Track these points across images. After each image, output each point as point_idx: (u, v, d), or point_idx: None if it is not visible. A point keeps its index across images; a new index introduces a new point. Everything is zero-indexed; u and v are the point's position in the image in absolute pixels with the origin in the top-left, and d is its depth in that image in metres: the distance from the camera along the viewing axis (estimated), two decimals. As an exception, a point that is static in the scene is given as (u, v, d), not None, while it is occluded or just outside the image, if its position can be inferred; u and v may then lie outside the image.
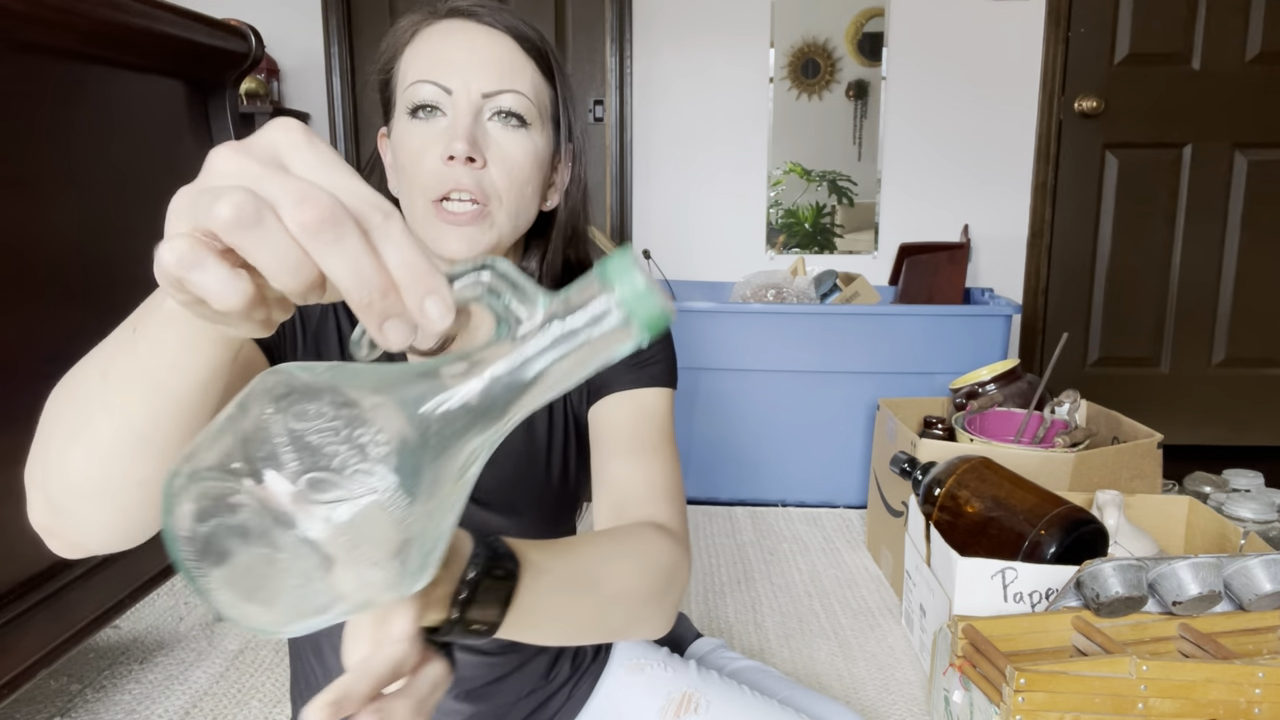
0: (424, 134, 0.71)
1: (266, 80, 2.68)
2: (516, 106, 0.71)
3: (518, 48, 0.72)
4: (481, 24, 0.72)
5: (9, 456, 0.94)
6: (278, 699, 1.36)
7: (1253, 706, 1.00)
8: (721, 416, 2.26)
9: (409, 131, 0.72)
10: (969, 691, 1.12)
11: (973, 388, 1.96)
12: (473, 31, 0.72)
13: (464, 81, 0.70)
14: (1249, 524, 1.77)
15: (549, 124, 0.75)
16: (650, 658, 0.96)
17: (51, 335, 1.00)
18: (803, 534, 2.07)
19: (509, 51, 0.72)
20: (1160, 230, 2.76)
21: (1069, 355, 2.83)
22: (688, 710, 0.90)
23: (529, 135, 0.73)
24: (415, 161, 0.71)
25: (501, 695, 0.84)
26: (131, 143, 1.20)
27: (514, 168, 0.72)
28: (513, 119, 0.72)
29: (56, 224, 1.03)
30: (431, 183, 0.70)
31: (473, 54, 0.71)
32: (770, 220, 2.86)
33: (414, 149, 0.71)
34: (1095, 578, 1.12)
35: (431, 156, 0.70)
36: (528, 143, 0.72)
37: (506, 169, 0.71)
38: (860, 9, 2.73)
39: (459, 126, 0.69)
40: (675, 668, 0.96)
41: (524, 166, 0.72)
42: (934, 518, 1.45)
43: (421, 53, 0.72)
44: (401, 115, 0.73)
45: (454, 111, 0.71)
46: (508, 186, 0.72)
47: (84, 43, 1.08)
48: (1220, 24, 2.63)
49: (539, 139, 0.74)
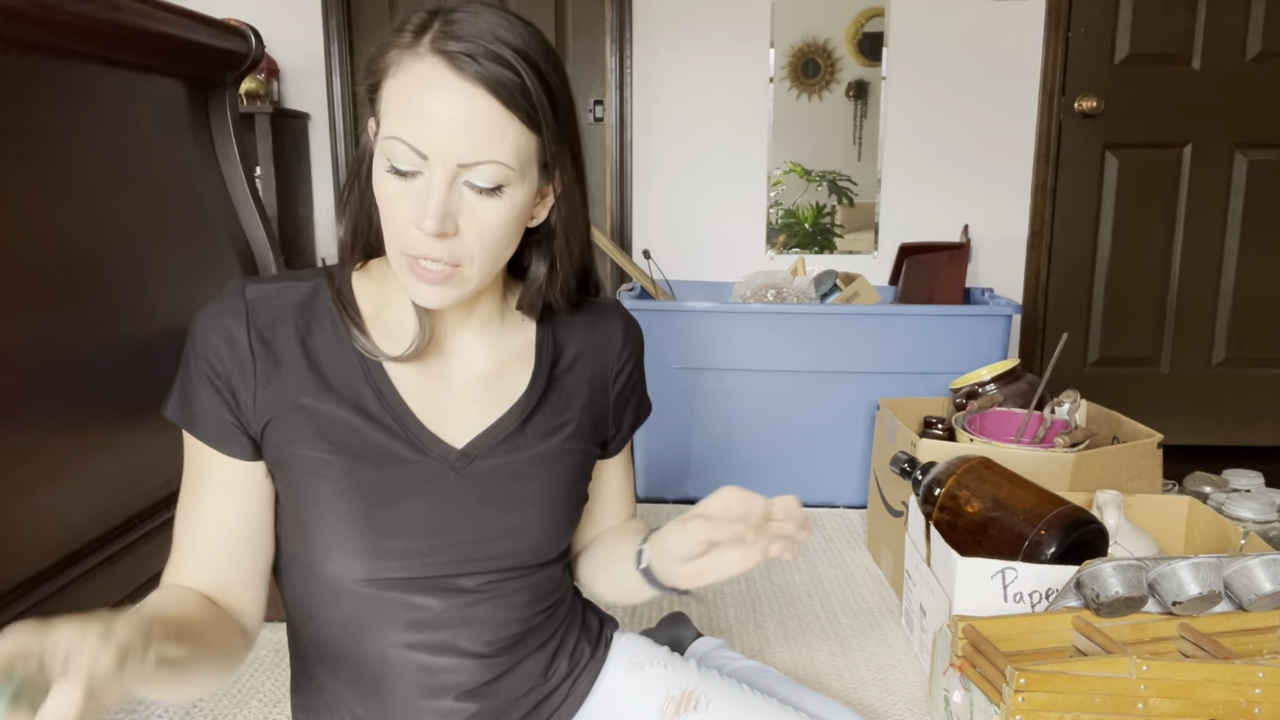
0: (400, 190, 0.69)
1: (266, 80, 2.68)
2: (494, 178, 0.69)
3: (498, 106, 0.67)
4: (464, 77, 0.66)
5: (9, 456, 0.94)
6: (278, 699, 1.36)
7: (1253, 706, 1.00)
8: (721, 416, 2.26)
9: (386, 180, 0.70)
10: (969, 691, 1.12)
11: (973, 388, 1.96)
12: (453, 89, 0.67)
13: (440, 148, 0.67)
14: (1249, 524, 1.77)
15: (533, 171, 0.72)
16: (650, 656, 0.96)
17: (51, 335, 1.00)
18: (803, 534, 2.07)
19: (489, 114, 0.67)
20: (1160, 230, 2.76)
21: (1069, 355, 2.83)
22: (687, 708, 0.90)
23: (507, 198, 0.70)
24: (390, 212, 0.71)
25: (500, 694, 0.84)
26: (131, 143, 1.20)
27: (487, 231, 0.71)
28: (490, 190, 0.69)
29: (56, 224, 1.03)
30: (404, 241, 0.70)
31: (451, 117, 0.67)
32: (770, 220, 2.87)
33: (389, 198, 0.70)
34: (1095, 578, 1.12)
35: (405, 215, 0.69)
36: (505, 207, 0.71)
37: (479, 233, 0.70)
38: (860, 9, 2.73)
39: (432, 201, 0.68)
40: (675, 666, 0.95)
41: (498, 228, 0.71)
42: (934, 518, 1.45)
43: (402, 97, 0.68)
44: (381, 156, 0.70)
45: (429, 177, 0.68)
46: (480, 248, 0.71)
47: (84, 42, 1.08)
48: (1220, 24, 2.63)
49: (518, 196, 0.71)
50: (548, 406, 0.85)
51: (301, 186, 2.84)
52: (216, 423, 0.76)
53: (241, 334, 0.75)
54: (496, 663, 0.84)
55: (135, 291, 1.16)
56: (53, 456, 0.99)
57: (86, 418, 1.05)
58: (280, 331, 0.77)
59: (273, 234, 1.47)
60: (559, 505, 0.85)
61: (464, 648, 0.82)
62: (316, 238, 2.94)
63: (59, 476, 1.00)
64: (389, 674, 0.81)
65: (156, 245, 1.22)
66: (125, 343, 1.13)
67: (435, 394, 0.81)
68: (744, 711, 0.91)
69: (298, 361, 0.77)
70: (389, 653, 0.80)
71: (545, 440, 0.84)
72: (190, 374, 0.77)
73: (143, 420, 1.15)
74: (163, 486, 1.22)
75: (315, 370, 0.77)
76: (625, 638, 0.98)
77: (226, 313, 0.76)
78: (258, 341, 0.76)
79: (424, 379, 0.81)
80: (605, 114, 2.80)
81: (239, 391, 0.75)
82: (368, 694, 0.82)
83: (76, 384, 1.03)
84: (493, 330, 0.84)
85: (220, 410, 0.76)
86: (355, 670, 0.82)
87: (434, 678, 0.81)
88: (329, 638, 0.82)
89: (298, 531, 0.79)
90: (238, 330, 0.75)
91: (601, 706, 0.92)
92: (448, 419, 0.81)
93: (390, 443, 0.78)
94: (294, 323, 0.78)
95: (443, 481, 0.79)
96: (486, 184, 0.69)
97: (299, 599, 0.83)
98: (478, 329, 0.83)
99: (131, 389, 1.13)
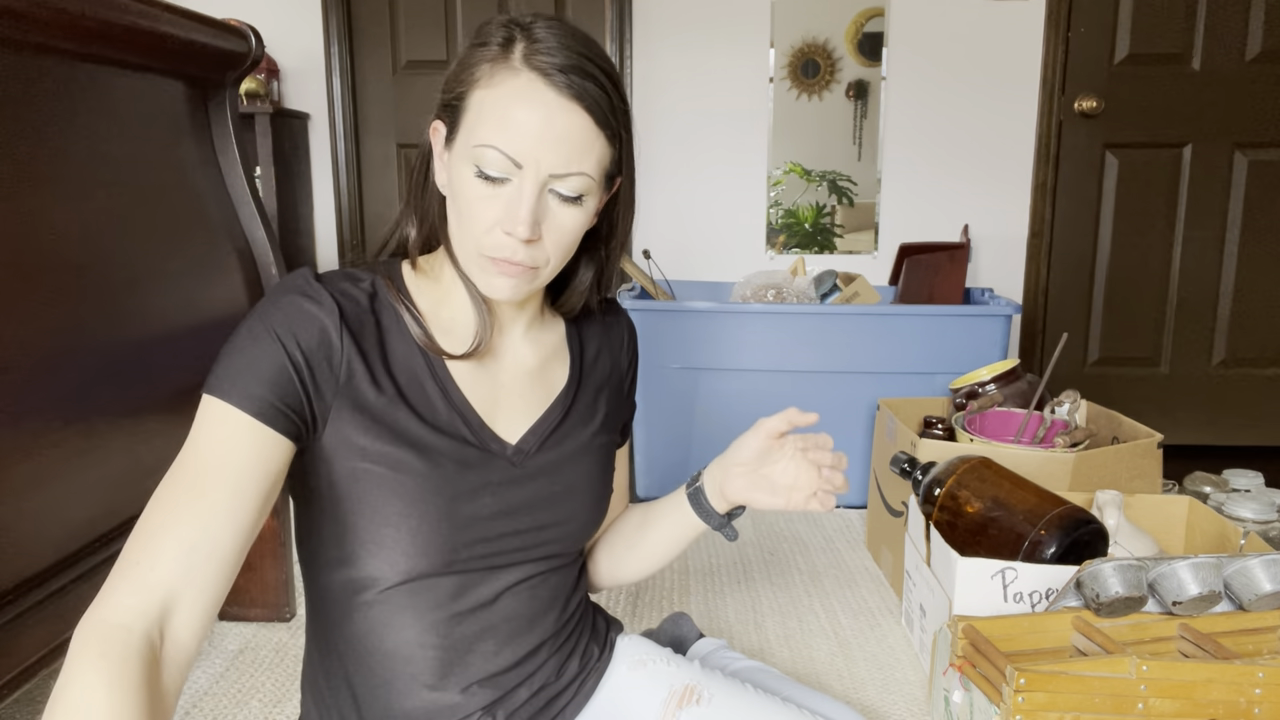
0: (488, 195, 0.73)
1: (266, 80, 2.68)
2: (580, 189, 0.74)
3: (590, 122, 0.73)
4: (561, 95, 0.71)
5: (9, 456, 0.94)
6: (278, 699, 1.36)
7: (1253, 706, 1.00)
8: (721, 416, 2.26)
9: (472, 184, 0.73)
10: (969, 691, 1.12)
11: (973, 388, 1.96)
12: (551, 105, 0.71)
13: (535, 159, 0.71)
14: (1249, 524, 1.77)
15: (602, 183, 0.78)
16: (653, 654, 0.97)
17: (51, 335, 1.00)
18: (803, 534, 2.07)
19: (581, 129, 0.72)
20: (1160, 230, 2.76)
21: (1069, 355, 2.83)
22: (689, 702, 0.91)
23: (584, 207, 0.76)
24: (473, 214, 0.73)
25: (515, 691, 0.85)
26: (131, 143, 1.20)
27: (564, 236, 0.76)
28: (572, 199, 0.74)
29: (56, 224, 1.03)
30: (487, 243, 0.74)
31: (547, 129, 0.71)
32: (770, 220, 2.87)
33: (474, 201, 0.73)
34: (1095, 578, 1.12)
35: (490, 218, 0.73)
36: (582, 216, 0.76)
37: (558, 239, 0.75)
38: (860, 9, 2.73)
39: (523, 209, 0.72)
40: (678, 664, 0.97)
41: (574, 234, 0.76)
42: (934, 518, 1.45)
43: (496, 107, 0.72)
44: (468, 162, 0.73)
45: (520, 186, 0.72)
46: (556, 252, 0.76)
47: (84, 42, 1.08)
48: (1220, 24, 2.63)
49: (591, 204, 0.77)
50: (583, 400, 0.91)
51: (301, 186, 2.84)
52: (276, 403, 0.71)
53: (334, 328, 0.74)
54: (516, 660, 0.85)
55: (135, 291, 1.16)
56: (53, 456, 0.99)
57: (86, 418, 1.05)
58: (364, 331, 0.78)
59: (273, 234, 1.47)
60: (598, 493, 0.90)
61: (489, 643, 0.83)
62: (316, 237, 2.94)
63: (59, 476, 1.00)
64: (403, 664, 0.81)
65: (156, 245, 1.22)
66: (125, 343, 1.13)
67: (490, 390, 0.84)
68: (745, 706, 0.91)
69: (376, 361, 0.78)
70: (411, 644, 0.81)
71: (582, 431, 0.89)
72: (260, 351, 0.71)
73: (143, 420, 1.15)
74: (163, 486, 1.22)
75: (388, 370, 0.78)
76: (628, 639, 0.99)
77: (319, 306, 0.74)
78: (349, 339, 0.75)
79: (480, 376, 0.84)
80: (605, 114, 2.80)
81: (323, 384, 0.74)
82: (376, 684, 0.82)
83: (76, 384, 1.03)
84: (535, 329, 0.89)
85: (287, 392, 0.72)
86: (373, 659, 0.82)
87: (451, 670, 0.82)
88: (357, 634, 0.82)
89: (338, 531, 0.78)
90: (330, 324, 0.74)
91: (606, 704, 0.93)
92: (500, 415, 0.84)
93: (458, 440, 0.80)
94: (370, 322, 0.79)
95: (506, 475, 0.82)
96: (572, 193, 0.74)
97: (331, 593, 0.82)
98: (523, 327, 0.88)
99: (132, 389, 1.13)
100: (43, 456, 0.97)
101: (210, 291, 1.33)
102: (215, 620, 0.78)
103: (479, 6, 2.84)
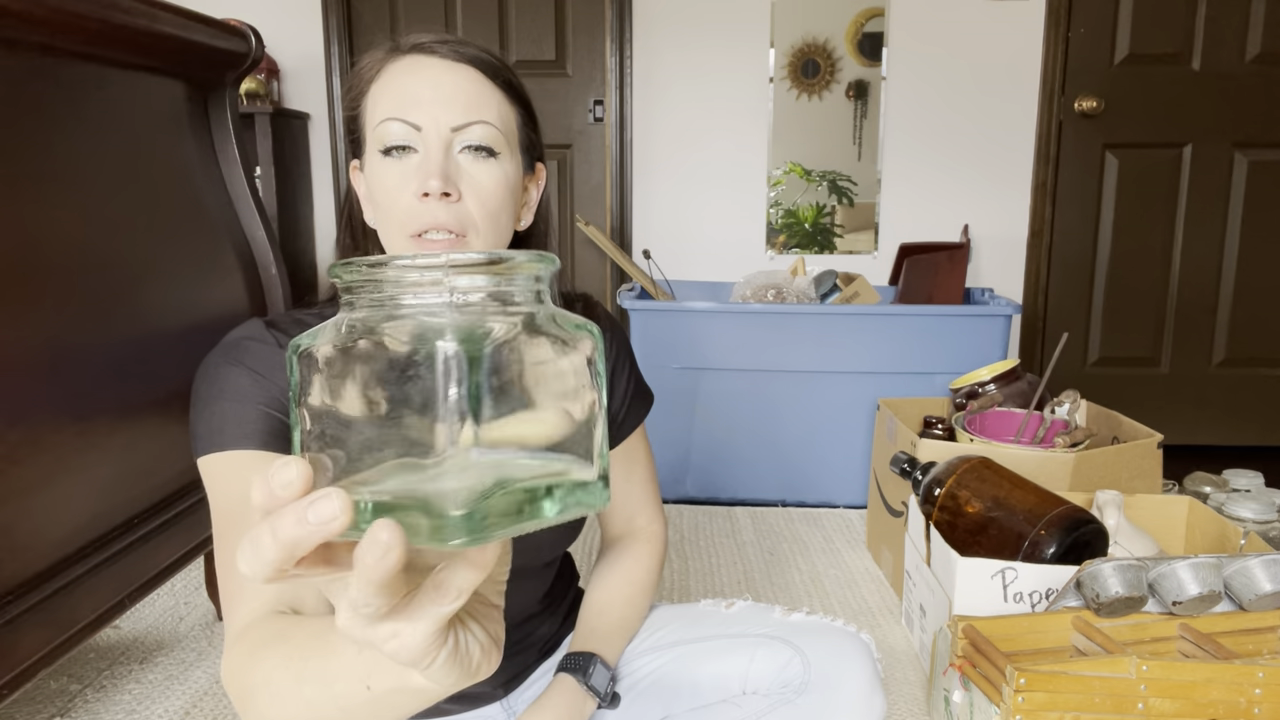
0: (398, 172, 0.72)
1: (266, 80, 2.68)
2: (486, 138, 0.73)
3: (482, 77, 0.74)
4: (445, 59, 0.73)
5: (10, 456, 0.94)
6: (278, 699, 1.36)
7: (1253, 706, 1.00)
8: (721, 416, 2.26)
9: (383, 169, 0.73)
10: (969, 691, 1.12)
11: (973, 388, 1.96)
12: (437, 67, 0.73)
13: (433, 117, 0.72)
14: (1249, 524, 1.77)
15: (518, 149, 0.77)
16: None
17: (51, 335, 1.00)
18: (803, 534, 2.07)
19: (474, 83, 0.73)
20: (1160, 230, 2.76)
21: (1069, 355, 2.83)
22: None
23: (499, 164, 0.74)
24: (391, 199, 0.73)
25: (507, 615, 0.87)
26: (131, 143, 1.20)
27: (488, 197, 0.74)
28: (483, 151, 0.73)
29: (56, 224, 1.03)
30: (409, 219, 0.72)
31: (438, 89, 0.72)
32: (770, 220, 2.87)
33: (389, 186, 0.73)
34: (1095, 578, 1.12)
35: (407, 194, 0.72)
36: (499, 171, 0.74)
37: (481, 199, 0.73)
38: (860, 9, 2.73)
39: (431, 163, 0.71)
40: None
41: (497, 195, 0.74)
42: (934, 518, 1.45)
43: (388, 90, 0.73)
44: (374, 152, 0.74)
45: (425, 148, 0.72)
46: (483, 216, 0.74)
47: (84, 43, 1.08)
48: (1220, 24, 2.63)
49: (509, 166, 0.76)
50: None
51: (301, 186, 2.84)
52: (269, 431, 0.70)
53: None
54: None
55: (135, 291, 1.16)
56: (53, 456, 0.99)
57: (86, 418, 1.05)
58: None
59: (273, 234, 1.47)
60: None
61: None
62: (316, 237, 2.94)
63: (59, 476, 1.00)
64: None
65: (156, 245, 1.22)
66: (125, 342, 1.13)
67: None
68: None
69: None
70: None
71: None
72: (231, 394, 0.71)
73: (143, 420, 1.15)
74: (162, 486, 1.22)
75: None
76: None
77: (274, 347, 0.73)
78: None
79: None
80: (605, 114, 2.80)
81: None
82: None
83: (76, 384, 1.03)
84: None
85: (273, 421, 0.70)
86: None
87: None
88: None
89: None
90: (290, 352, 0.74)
91: None
92: None
93: None
94: None
95: None
96: (479, 143, 0.73)
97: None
98: None
99: (132, 389, 1.13)
100: (43, 456, 0.97)
101: (210, 291, 1.33)
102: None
103: (479, 6, 2.84)
